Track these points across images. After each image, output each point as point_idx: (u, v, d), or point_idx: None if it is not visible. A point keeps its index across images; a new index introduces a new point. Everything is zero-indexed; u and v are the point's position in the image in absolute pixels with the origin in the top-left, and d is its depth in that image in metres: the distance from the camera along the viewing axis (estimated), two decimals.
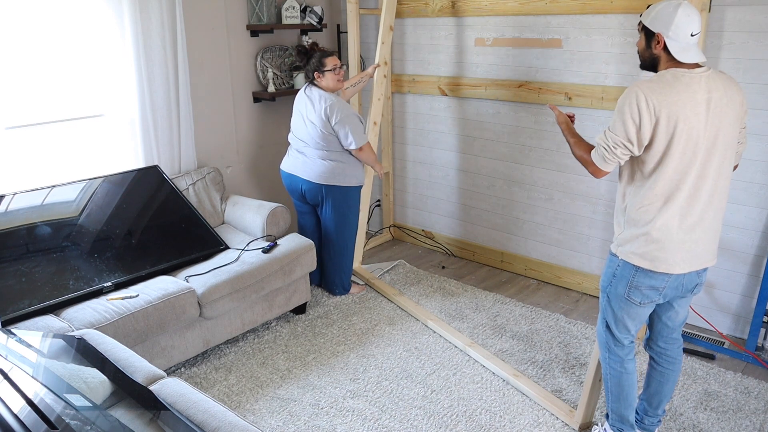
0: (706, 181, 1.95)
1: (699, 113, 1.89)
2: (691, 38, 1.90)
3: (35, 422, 1.42)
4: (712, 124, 1.91)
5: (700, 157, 1.92)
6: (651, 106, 1.86)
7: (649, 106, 1.86)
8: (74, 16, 3.08)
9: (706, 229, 2.01)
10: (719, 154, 1.94)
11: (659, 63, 1.97)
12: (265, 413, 2.63)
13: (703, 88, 1.89)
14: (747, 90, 2.90)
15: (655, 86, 1.89)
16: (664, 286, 2.04)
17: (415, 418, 2.59)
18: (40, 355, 1.93)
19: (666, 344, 2.27)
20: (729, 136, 1.95)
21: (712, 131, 1.91)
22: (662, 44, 1.92)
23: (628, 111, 1.89)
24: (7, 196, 2.85)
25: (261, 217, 3.39)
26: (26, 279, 2.64)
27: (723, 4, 2.88)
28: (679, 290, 2.08)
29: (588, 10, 3.29)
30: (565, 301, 3.64)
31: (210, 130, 3.82)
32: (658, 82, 1.91)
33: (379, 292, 3.70)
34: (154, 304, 2.66)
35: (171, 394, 1.81)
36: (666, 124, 1.88)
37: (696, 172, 1.93)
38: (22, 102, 3.00)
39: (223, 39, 3.76)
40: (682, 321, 2.24)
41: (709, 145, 1.92)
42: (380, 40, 3.77)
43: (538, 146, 3.68)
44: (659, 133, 1.89)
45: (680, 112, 1.87)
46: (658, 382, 2.30)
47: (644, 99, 1.87)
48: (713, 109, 1.90)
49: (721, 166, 1.96)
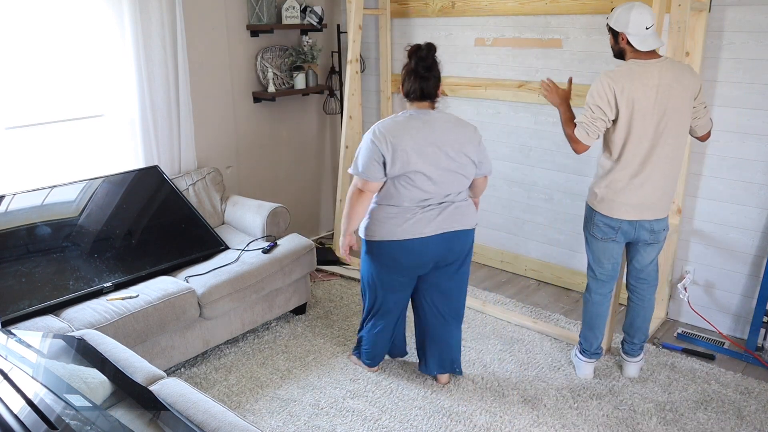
0: (655, 149, 2.47)
1: (649, 96, 2.41)
2: (647, 30, 2.40)
3: (35, 422, 1.42)
4: (660, 105, 2.42)
5: (651, 130, 2.44)
6: (613, 88, 2.40)
7: (612, 88, 2.40)
8: (74, 16, 3.08)
9: (655, 187, 2.52)
10: (667, 129, 2.45)
11: (626, 54, 2.49)
12: (265, 413, 2.63)
13: (655, 76, 2.41)
14: (747, 90, 2.90)
15: (617, 74, 2.42)
16: (618, 227, 2.59)
17: (415, 418, 2.59)
18: (40, 356, 1.93)
19: (636, 283, 2.77)
20: (677, 114, 2.45)
21: (660, 110, 2.42)
22: (625, 40, 2.44)
23: (602, 90, 2.42)
24: (7, 197, 2.85)
25: (261, 218, 3.39)
26: (26, 279, 2.64)
27: (723, 4, 2.88)
28: (635, 235, 2.61)
29: (588, 10, 3.29)
30: (565, 302, 3.64)
31: (210, 130, 3.82)
32: (619, 71, 2.43)
33: None
34: (154, 305, 2.66)
35: (171, 394, 1.81)
36: (626, 103, 2.41)
37: (648, 142, 2.46)
38: (22, 102, 3.00)
39: (223, 39, 3.76)
40: (648, 264, 2.72)
41: (657, 120, 2.43)
42: (350, 39, 3.88)
43: (538, 146, 3.68)
44: (621, 108, 2.41)
45: (635, 95, 2.40)
46: (631, 315, 2.81)
47: (609, 83, 2.41)
48: (661, 93, 2.41)
49: (670, 137, 2.47)
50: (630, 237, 2.62)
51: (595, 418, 2.59)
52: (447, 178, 2.42)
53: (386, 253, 2.50)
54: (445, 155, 2.40)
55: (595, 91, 2.43)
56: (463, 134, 2.44)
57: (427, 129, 2.40)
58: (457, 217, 2.48)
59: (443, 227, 2.46)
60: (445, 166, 2.41)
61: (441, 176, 2.41)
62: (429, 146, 2.38)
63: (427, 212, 2.44)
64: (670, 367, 2.94)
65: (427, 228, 2.44)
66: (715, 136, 3.04)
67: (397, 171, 2.37)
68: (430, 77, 2.45)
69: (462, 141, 2.42)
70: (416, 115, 2.44)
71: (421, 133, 2.38)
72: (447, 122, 2.45)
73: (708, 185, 3.13)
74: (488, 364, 2.97)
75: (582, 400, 2.70)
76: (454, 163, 2.41)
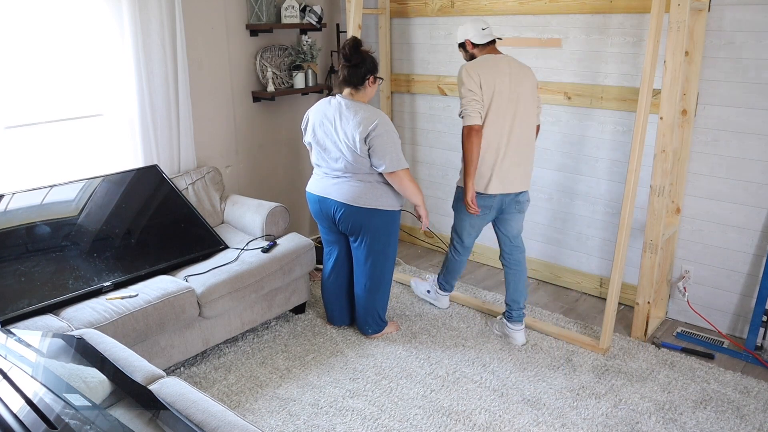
0: (514, 130, 2.85)
1: (504, 82, 2.80)
2: (483, 30, 2.88)
3: (34, 422, 1.41)
4: (514, 90, 2.81)
5: (510, 112, 2.82)
6: (478, 74, 2.77)
7: (477, 74, 2.77)
8: (73, 15, 3.08)
9: (515, 164, 2.88)
10: (521, 111, 2.84)
11: (477, 54, 2.91)
12: (265, 413, 2.63)
13: (505, 65, 2.83)
14: (747, 90, 2.90)
15: (475, 65, 2.81)
16: (491, 203, 2.95)
17: (415, 418, 2.59)
18: (40, 355, 1.93)
19: (511, 250, 3.11)
20: (527, 100, 2.85)
21: (515, 95, 2.81)
22: (470, 44, 2.91)
23: (468, 78, 2.77)
24: (6, 196, 2.84)
25: (260, 217, 3.39)
26: (25, 278, 2.63)
27: (723, 4, 2.88)
28: (505, 207, 2.99)
29: (587, 10, 3.29)
30: (565, 301, 3.64)
31: (209, 129, 3.82)
32: (476, 63, 2.83)
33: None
34: (153, 304, 2.66)
35: (170, 393, 1.81)
36: (486, 87, 2.77)
37: (507, 123, 2.83)
38: (21, 101, 3.00)
39: (222, 38, 3.76)
40: (517, 233, 3.09)
41: (513, 105, 2.82)
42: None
43: (538, 146, 3.68)
44: (486, 91, 2.77)
45: (494, 80, 2.78)
46: (514, 282, 3.12)
47: (471, 71, 2.77)
48: (513, 80, 2.81)
49: (523, 120, 2.86)
50: (500, 209, 3.00)
51: (595, 417, 2.59)
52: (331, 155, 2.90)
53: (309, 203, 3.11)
54: (337, 138, 2.85)
55: (464, 80, 2.77)
56: (352, 124, 2.78)
57: (331, 110, 2.87)
58: (342, 188, 2.90)
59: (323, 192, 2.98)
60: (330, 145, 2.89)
61: (329, 150, 2.90)
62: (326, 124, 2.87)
63: (324, 178, 2.98)
64: (669, 366, 2.94)
65: (314, 188, 3.03)
66: (715, 136, 3.04)
67: (308, 138, 2.98)
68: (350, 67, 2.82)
69: (350, 130, 2.78)
70: (328, 99, 2.92)
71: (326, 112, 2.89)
72: (343, 110, 2.83)
73: (708, 185, 3.13)
74: (488, 364, 2.97)
75: (582, 400, 2.70)
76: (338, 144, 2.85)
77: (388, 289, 3.16)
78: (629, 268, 3.45)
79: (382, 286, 3.12)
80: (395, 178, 2.83)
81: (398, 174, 2.82)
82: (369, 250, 3.01)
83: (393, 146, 2.78)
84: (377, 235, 2.97)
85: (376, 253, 3.02)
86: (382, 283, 3.11)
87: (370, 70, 2.82)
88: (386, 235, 3.00)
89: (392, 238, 3.04)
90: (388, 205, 2.92)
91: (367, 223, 2.92)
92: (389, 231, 3.00)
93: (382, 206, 2.90)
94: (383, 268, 3.07)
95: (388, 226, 2.98)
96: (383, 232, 2.98)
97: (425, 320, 3.39)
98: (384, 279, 3.10)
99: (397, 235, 3.07)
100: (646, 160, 3.12)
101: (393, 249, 3.08)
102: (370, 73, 2.82)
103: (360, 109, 2.79)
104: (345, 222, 2.96)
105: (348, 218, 2.93)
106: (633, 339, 3.18)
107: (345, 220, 2.95)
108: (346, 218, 2.94)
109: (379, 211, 2.91)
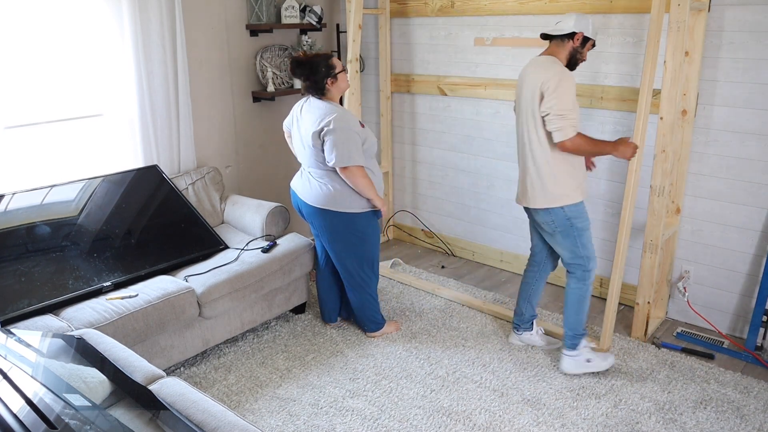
0: (522, 141, 2.72)
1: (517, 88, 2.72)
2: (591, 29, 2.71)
3: (34, 422, 1.42)
4: (517, 97, 2.71)
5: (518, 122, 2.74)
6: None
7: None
8: (73, 15, 3.08)
9: (522, 179, 2.78)
10: (522, 120, 2.68)
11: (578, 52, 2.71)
12: (265, 413, 2.63)
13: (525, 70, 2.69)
14: (747, 90, 2.90)
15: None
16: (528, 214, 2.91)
17: (415, 418, 2.59)
18: (40, 355, 1.93)
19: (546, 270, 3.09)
20: (524, 110, 2.64)
21: (518, 103, 2.70)
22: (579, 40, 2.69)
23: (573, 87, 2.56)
24: (6, 196, 2.84)
25: (260, 217, 3.39)
26: (25, 279, 2.63)
27: (723, 4, 2.88)
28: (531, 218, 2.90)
29: (587, 10, 3.29)
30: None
31: (209, 129, 3.82)
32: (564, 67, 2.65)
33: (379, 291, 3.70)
34: (153, 304, 2.66)
35: (170, 393, 1.81)
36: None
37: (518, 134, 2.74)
38: (21, 101, 3.00)
39: (222, 38, 3.76)
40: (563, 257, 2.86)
41: (517, 113, 2.73)
42: (350, 38, 3.82)
43: None
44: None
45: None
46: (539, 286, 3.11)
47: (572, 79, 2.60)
48: (518, 86, 2.70)
49: (524, 132, 2.68)
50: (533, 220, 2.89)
51: (595, 417, 2.59)
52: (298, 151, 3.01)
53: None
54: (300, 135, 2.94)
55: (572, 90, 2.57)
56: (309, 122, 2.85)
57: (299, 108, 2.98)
58: (306, 187, 2.97)
59: (295, 187, 3.07)
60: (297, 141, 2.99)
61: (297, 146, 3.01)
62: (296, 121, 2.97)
63: (300, 174, 3.06)
64: (669, 366, 2.94)
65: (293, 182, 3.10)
66: (714, 136, 3.04)
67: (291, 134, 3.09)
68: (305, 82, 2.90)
69: (307, 127, 2.86)
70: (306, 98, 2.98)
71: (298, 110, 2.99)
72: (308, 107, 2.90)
73: (708, 185, 3.13)
74: (488, 364, 2.97)
75: (582, 400, 2.70)
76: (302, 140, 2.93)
77: (371, 290, 3.13)
78: (629, 269, 3.45)
79: (363, 287, 3.10)
80: (347, 174, 2.82)
81: (350, 170, 2.80)
82: (332, 250, 3.05)
83: (345, 142, 2.77)
84: (335, 235, 2.98)
85: (340, 254, 3.03)
86: (362, 285, 3.10)
87: (325, 75, 2.83)
88: (347, 237, 2.98)
89: (356, 240, 2.99)
90: (344, 207, 2.90)
91: (326, 223, 2.96)
92: (351, 233, 2.97)
93: (338, 208, 2.90)
94: (356, 269, 3.05)
95: (348, 228, 2.95)
96: (342, 233, 2.97)
97: (425, 320, 3.39)
98: (362, 281, 3.08)
99: (369, 238, 3.02)
100: (646, 160, 3.11)
101: (363, 251, 3.03)
102: (326, 77, 2.84)
103: (322, 107, 2.84)
104: (309, 219, 3.04)
105: (309, 216, 3.02)
106: (633, 339, 3.18)
107: (308, 217, 3.03)
108: (309, 216, 3.02)
109: (335, 213, 2.91)
